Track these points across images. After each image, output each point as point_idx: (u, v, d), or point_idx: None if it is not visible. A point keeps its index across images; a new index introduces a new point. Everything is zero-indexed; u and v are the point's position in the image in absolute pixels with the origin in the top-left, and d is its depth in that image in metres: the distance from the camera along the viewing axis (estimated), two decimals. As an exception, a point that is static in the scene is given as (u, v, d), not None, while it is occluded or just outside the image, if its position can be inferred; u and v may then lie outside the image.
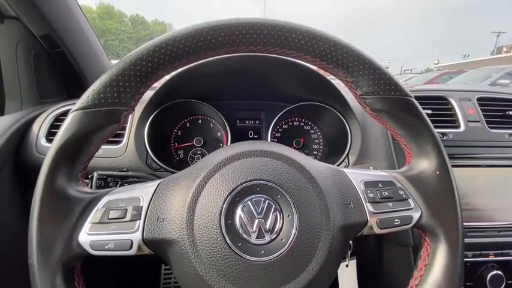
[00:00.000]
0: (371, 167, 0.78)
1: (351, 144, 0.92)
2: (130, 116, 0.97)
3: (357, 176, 0.54)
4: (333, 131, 1.13)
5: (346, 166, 0.98)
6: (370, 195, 0.53)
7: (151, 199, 0.48)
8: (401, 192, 0.54)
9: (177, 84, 0.98)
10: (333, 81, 0.97)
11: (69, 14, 0.99)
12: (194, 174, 0.49)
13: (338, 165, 0.99)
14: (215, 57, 0.47)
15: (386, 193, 0.54)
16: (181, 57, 0.45)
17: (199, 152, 1.21)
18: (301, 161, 0.51)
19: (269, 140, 1.12)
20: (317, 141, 1.25)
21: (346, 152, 0.99)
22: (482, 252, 0.89)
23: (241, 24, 0.44)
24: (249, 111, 1.17)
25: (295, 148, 1.24)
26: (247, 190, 0.46)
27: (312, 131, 1.26)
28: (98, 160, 0.90)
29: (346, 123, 1.02)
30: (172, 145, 1.20)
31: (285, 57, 0.47)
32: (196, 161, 1.19)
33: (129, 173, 0.82)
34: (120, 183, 0.77)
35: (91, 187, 0.77)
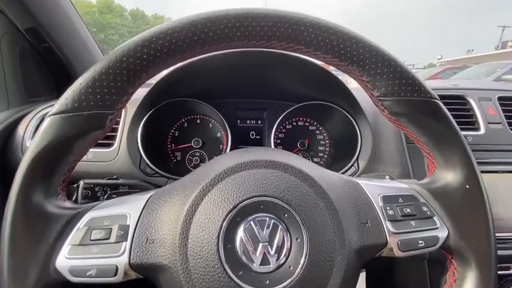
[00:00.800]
0: (387, 177, 0.71)
1: (360, 148, 0.85)
2: (122, 116, 0.90)
3: (374, 189, 0.47)
4: (340, 132, 1.06)
5: (356, 172, 0.91)
6: (390, 212, 0.46)
7: (139, 217, 0.41)
8: (425, 208, 0.47)
9: (173, 82, 0.91)
10: (339, 77, 0.90)
11: (56, 6, 0.92)
12: (189, 188, 0.42)
13: (347, 170, 0.92)
14: (213, 53, 0.39)
15: (408, 210, 0.47)
16: (174, 53, 0.38)
17: (197, 154, 1.15)
18: (312, 173, 0.44)
19: (272, 141, 1.05)
20: (323, 142, 1.18)
21: (355, 156, 0.92)
22: (503, 264, 0.83)
23: (243, 16, 0.37)
24: (250, 110, 1.10)
25: (299, 150, 1.17)
26: (250, 208, 0.40)
27: (318, 132, 1.19)
28: (87, 165, 0.83)
29: (355, 124, 0.95)
30: (169, 146, 1.14)
31: (292, 53, 0.40)
32: (194, 164, 1.13)
33: (119, 181, 0.75)
34: (108, 193, 0.71)
35: (76, 198, 0.70)
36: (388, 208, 0.46)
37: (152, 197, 0.45)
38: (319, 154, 1.17)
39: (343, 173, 0.93)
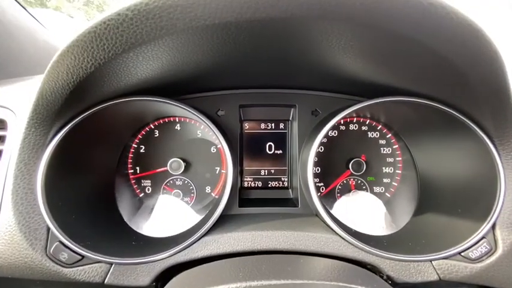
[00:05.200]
0: None
1: (502, 204, 0.44)
2: (7, 141, 0.43)
3: None
4: (450, 160, 0.56)
5: (491, 253, 0.45)
6: None
7: None
8: None
9: (112, 64, 0.40)
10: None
11: None
12: None
13: (470, 248, 0.45)
14: None
15: None
16: None
17: (179, 183, 0.69)
18: None
19: (311, 163, 0.56)
20: (391, 159, 0.69)
21: (490, 220, 0.44)
22: None
23: None
24: (268, 107, 0.70)
25: (351, 175, 0.69)
26: None
27: (384, 142, 0.69)
28: None
29: (497, 158, 0.45)
30: (130, 172, 0.67)
31: None
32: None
33: None
34: None
35: None
36: None
37: None
38: (384, 180, 0.70)
39: (461, 251, 0.46)
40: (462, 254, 0.46)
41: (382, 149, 0.70)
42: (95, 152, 0.56)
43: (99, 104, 0.50)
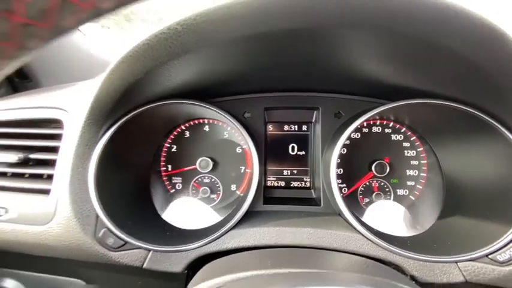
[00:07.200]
0: None
1: None
2: (64, 139, 0.50)
3: None
4: (477, 164, 0.55)
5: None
6: None
7: None
8: None
9: (152, 73, 0.45)
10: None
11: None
12: None
13: (495, 251, 0.45)
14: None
15: None
16: None
17: (207, 180, 0.73)
18: None
19: (334, 164, 0.58)
20: (415, 162, 0.69)
21: None
22: None
23: None
24: (291, 109, 0.73)
25: (374, 177, 0.70)
26: None
27: (408, 145, 0.70)
28: (5, 231, 0.48)
29: None
30: (162, 169, 0.73)
31: None
32: (202, 196, 0.72)
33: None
34: None
35: None
36: None
37: None
38: (408, 183, 0.70)
39: (488, 254, 0.45)
40: (489, 256, 0.46)
41: (406, 151, 0.70)
42: (134, 150, 0.62)
43: (140, 107, 0.55)
